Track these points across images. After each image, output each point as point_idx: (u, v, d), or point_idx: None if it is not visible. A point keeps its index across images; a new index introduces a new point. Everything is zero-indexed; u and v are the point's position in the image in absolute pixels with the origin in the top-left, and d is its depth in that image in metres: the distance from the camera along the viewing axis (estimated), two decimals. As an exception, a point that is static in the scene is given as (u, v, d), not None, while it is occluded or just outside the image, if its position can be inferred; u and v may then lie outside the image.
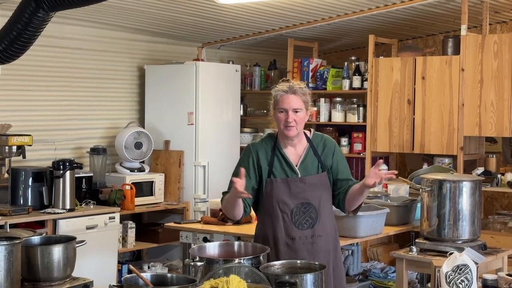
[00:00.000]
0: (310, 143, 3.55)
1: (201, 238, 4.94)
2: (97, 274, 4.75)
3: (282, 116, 3.45)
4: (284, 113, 3.44)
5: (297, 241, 3.44)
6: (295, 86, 3.47)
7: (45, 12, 4.18)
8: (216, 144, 7.00)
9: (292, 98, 3.44)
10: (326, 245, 3.49)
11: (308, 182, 3.47)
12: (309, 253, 3.42)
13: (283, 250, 3.43)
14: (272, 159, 3.50)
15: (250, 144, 3.61)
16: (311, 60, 7.37)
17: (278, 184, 3.47)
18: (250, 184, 3.47)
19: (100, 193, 6.15)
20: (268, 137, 3.59)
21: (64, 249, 3.13)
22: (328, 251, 3.49)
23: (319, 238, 3.46)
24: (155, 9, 6.01)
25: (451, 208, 4.34)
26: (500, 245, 4.93)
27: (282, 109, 3.44)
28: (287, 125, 3.43)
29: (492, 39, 6.02)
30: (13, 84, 6.01)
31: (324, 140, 3.59)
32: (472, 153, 6.41)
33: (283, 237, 3.45)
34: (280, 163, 3.50)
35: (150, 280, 2.74)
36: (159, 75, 7.00)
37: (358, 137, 7.00)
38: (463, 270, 3.39)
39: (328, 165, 3.54)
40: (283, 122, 3.44)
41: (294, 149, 3.53)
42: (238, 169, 3.45)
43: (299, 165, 3.50)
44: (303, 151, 3.53)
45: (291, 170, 3.49)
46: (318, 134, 3.62)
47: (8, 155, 5.56)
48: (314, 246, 3.45)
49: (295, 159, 3.51)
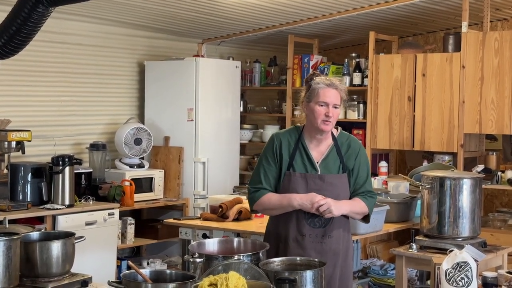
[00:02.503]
0: (335, 141, 3.48)
1: (200, 235, 4.94)
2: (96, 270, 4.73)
3: (322, 110, 3.37)
4: (324, 106, 3.37)
5: (307, 239, 3.40)
6: (336, 82, 3.42)
7: (45, 7, 4.16)
8: (216, 141, 6.99)
9: (333, 93, 3.38)
10: (336, 246, 3.44)
11: (326, 181, 3.41)
12: (316, 252, 3.38)
13: (292, 246, 3.40)
14: (294, 152, 3.45)
15: (274, 133, 3.55)
16: (312, 56, 7.36)
17: (296, 178, 3.42)
18: (276, 177, 3.45)
19: (99, 189, 6.14)
20: (294, 129, 3.53)
21: (63, 245, 3.12)
22: (337, 253, 3.44)
23: (329, 239, 3.42)
24: (155, 4, 6.00)
25: (451, 205, 4.33)
26: (500, 243, 4.93)
27: (324, 102, 3.37)
28: (327, 120, 3.37)
29: (493, 37, 6.01)
30: (13, 79, 6.00)
31: (349, 140, 3.52)
32: (472, 151, 6.40)
33: (294, 233, 3.41)
34: (302, 157, 3.44)
35: (149, 276, 2.73)
36: (159, 71, 6.98)
37: (358, 134, 6.99)
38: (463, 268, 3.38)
39: (349, 166, 3.47)
40: (322, 117, 3.37)
41: (318, 146, 3.46)
42: (262, 159, 3.45)
43: (320, 162, 3.44)
44: (327, 148, 3.47)
45: (311, 166, 3.43)
46: (345, 134, 3.55)
47: (7, 151, 5.55)
48: (323, 245, 3.40)
49: (317, 156, 3.45)
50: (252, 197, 3.50)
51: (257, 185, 3.48)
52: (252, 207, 3.54)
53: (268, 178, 3.46)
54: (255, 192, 3.48)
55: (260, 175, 3.47)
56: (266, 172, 3.47)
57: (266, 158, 3.48)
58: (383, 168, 6.63)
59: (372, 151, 6.73)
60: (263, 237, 3.66)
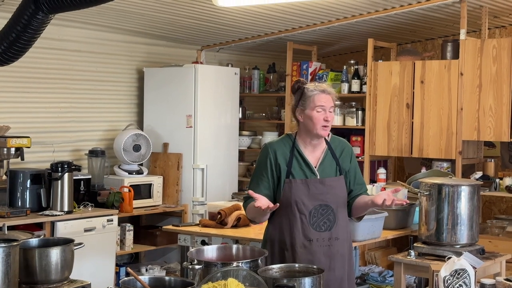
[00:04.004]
0: (329, 145, 3.53)
1: (199, 241, 4.94)
2: (95, 277, 4.75)
3: (321, 115, 3.40)
4: (322, 112, 3.41)
5: (315, 243, 3.41)
6: (328, 87, 3.47)
7: (45, 14, 4.18)
8: (215, 147, 7.00)
9: (328, 98, 3.43)
10: (342, 248, 3.47)
11: (327, 184, 3.45)
12: (326, 255, 3.40)
13: (300, 252, 3.40)
14: (291, 160, 3.47)
15: (268, 143, 3.57)
16: (310, 63, 7.37)
17: (297, 185, 3.44)
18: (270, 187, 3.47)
19: (98, 196, 6.15)
20: (286, 137, 3.56)
21: (62, 252, 3.12)
22: (344, 255, 3.47)
23: (336, 241, 3.44)
24: (154, 11, 6.01)
25: (449, 212, 4.34)
26: (498, 250, 4.94)
27: (321, 107, 3.40)
28: (325, 125, 3.41)
29: (491, 44, 6.02)
30: (12, 86, 6.01)
31: (342, 143, 3.59)
32: (470, 158, 6.41)
33: (301, 239, 3.41)
34: (299, 164, 3.47)
35: (148, 283, 2.73)
36: (158, 78, 6.99)
37: (357, 140, 7.00)
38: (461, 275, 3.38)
39: (345, 168, 3.53)
40: (322, 122, 3.41)
41: (313, 151, 3.50)
42: (258, 171, 3.49)
43: (318, 167, 3.48)
44: (322, 153, 3.51)
45: (310, 171, 3.46)
46: (336, 138, 3.61)
47: (7, 157, 5.56)
48: (331, 248, 3.42)
49: (314, 161, 3.49)
50: (243, 207, 3.57)
51: (248, 197, 3.51)
52: (247, 216, 3.60)
53: (259, 189, 3.46)
54: (244, 203, 3.54)
55: (253, 185, 3.51)
56: (258, 183, 3.50)
57: (260, 169, 3.51)
58: (382, 174, 6.65)
59: (370, 158, 6.73)
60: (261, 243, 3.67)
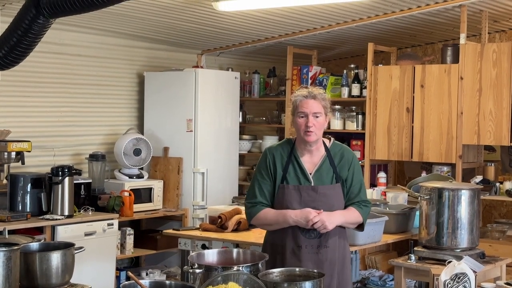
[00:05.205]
0: (328, 152, 3.53)
1: (199, 245, 4.94)
2: (95, 281, 4.76)
3: (303, 121, 3.43)
4: (304, 117, 3.43)
5: (303, 250, 3.43)
6: (314, 91, 3.47)
7: (45, 19, 4.19)
8: (215, 151, 7.00)
9: (312, 103, 3.43)
10: (332, 256, 3.47)
11: (320, 192, 3.45)
12: (313, 262, 3.40)
13: (289, 257, 3.43)
14: (287, 165, 3.49)
15: (267, 148, 3.61)
16: (310, 67, 7.38)
17: (290, 191, 3.46)
18: (270, 188, 3.50)
19: (98, 200, 6.15)
20: (286, 142, 3.58)
21: (63, 256, 3.12)
22: (333, 263, 3.47)
23: (325, 249, 3.45)
24: (154, 16, 6.02)
25: (449, 216, 4.33)
26: (498, 254, 4.93)
27: (303, 113, 3.43)
28: (308, 130, 3.41)
29: (491, 48, 6.03)
30: (13, 90, 6.02)
31: (342, 150, 3.56)
32: (470, 162, 6.41)
33: (291, 245, 3.44)
34: (295, 170, 3.49)
35: (148, 287, 2.73)
36: (159, 82, 7.00)
37: (357, 145, 7.00)
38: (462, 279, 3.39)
39: (343, 176, 3.51)
40: (303, 127, 3.42)
41: (310, 157, 3.51)
42: (257, 174, 3.51)
43: (313, 174, 3.48)
44: (320, 159, 3.51)
45: (304, 178, 3.47)
46: (337, 144, 3.60)
47: (7, 161, 5.56)
48: (319, 256, 3.43)
49: (310, 167, 3.50)
50: (249, 212, 3.55)
51: (253, 199, 3.53)
52: (250, 222, 3.59)
53: (264, 193, 3.51)
54: (252, 208, 3.53)
55: (256, 190, 3.53)
56: (261, 187, 3.52)
57: (260, 173, 3.54)
58: (382, 179, 6.65)
59: (370, 162, 6.73)
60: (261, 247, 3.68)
